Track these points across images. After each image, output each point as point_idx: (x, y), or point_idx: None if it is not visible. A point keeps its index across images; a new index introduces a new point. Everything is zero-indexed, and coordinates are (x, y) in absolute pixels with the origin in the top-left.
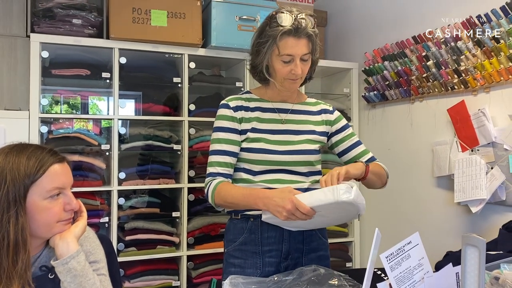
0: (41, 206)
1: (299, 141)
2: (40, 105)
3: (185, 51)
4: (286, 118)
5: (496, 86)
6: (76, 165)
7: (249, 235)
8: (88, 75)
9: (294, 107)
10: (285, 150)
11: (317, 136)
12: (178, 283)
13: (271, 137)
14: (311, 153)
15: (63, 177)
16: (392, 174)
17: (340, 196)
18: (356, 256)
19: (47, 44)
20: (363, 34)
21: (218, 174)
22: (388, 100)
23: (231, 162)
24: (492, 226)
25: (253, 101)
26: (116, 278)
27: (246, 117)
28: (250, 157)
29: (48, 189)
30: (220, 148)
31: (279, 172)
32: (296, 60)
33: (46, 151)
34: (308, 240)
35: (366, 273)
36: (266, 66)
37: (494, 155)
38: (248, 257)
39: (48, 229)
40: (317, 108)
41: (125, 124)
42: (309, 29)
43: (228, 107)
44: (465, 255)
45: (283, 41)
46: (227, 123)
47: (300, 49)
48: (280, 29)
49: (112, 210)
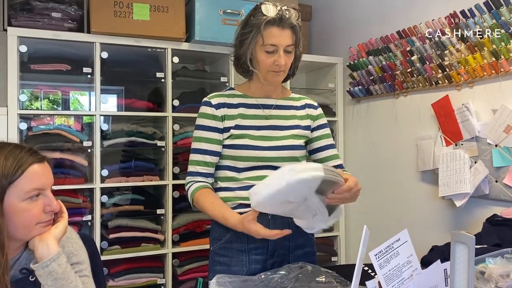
0: (19, 207)
1: (284, 137)
2: (19, 101)
3: (168, 46)
4: (270, 114)
5: (480, 81)
6: (57, 162)
7: (234, 233)
8: (69, 70)
9: (278, 102)
10: (270, 146)
11: (301, 131)
12: (164, 281)
13: (256, 133)
14: (296, 148)
15: (43, 178)
16: (377, 168)
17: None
18: (341, 251)
19: (25, 38)
20: (347, 29)
21: (197, 173)
22: (373, 95)
23: (211, 161)
24: (476, 220)
25: (237, 97)
26: (99, 279)
27: (229, 114)
28: (234, 154)
29: (27, 190)
30: (200, 147)
31: (264, 168)
32: (280, 50)
33: (25, 150)
34: (294, 237)
35: (355, 270)
36: (249, 58)
37: (478, 149)
38: (234, 255)
39: (27, 232)
40: (301, 103)
41: (107, 120)
42: (293, 20)
43: (210, 105)
44: (454, 252)
45: (267, 30)
46: (208, 121)
47: (284, 40)
48: (264, 18)
49: (95, 208)
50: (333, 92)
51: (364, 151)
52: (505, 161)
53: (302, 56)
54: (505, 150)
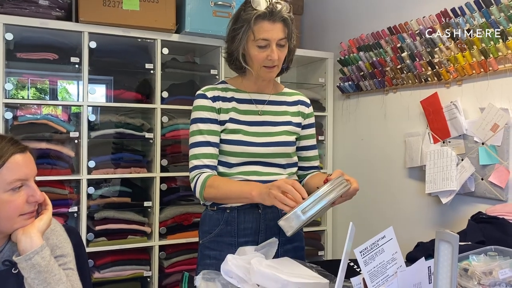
0: (1, 199)
1: (277, 133)
2: (4, 90)
3: (158, 36)
4: (263, 109)
5: (468, 79)
6: (43, 153)
7: (225, 227)
8: (56, 59)
9: (271, 97)
10: (263, 142)
11: (293, 127)
12: (150, 273)
13: (249, 129)
14: (288, 144)
15: (25, 168)
16: (365, 164)
17: None
18: (328, 245)
19: (12, 25)
20: (339, 24)
21: (204, 166)
22: (363, 91)
23: (216, 153)
24: (461, 217)
25: (230, 91)
26: (84, 271)
27: (224, 107)
28: (227, 149)
29: (9, 181)
30: (204, 139)
31: (256, 164)
32: (272, 45)
33: (6, 140)
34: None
35: (341, 266)
36: (242, 53)
37: (465, 147)
38: (224, 248)
39: (10, 224)
40: (293, 99)
41: (95, 110)
42: (284, 13)
43: (205, 97)
44: (438, 251)
45: (258, 25)
46: (206, 113)
47: (276, 33)
48: (254, 12)
49: (81, 200)
50: (323, 87)
51: (353, 147)
52: (491, 159)
53: (295, 49)
54: (491, 149)
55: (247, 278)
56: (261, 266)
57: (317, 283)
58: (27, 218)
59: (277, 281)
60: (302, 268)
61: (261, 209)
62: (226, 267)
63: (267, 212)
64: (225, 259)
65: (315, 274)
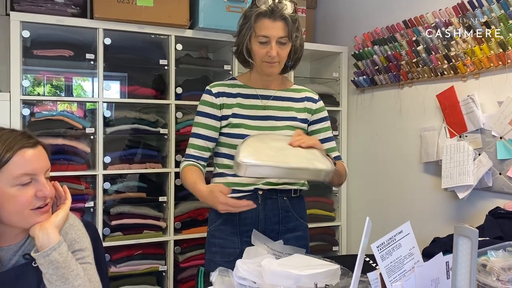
0: (8, 194)
1: (280, 127)
2: (22, 87)
3: (172, 32)
4: (268, 104)
5: (486, 72)
6: (60, 148)
7: (227, 216)
8: (72, 56)
9: (277, 93)
10: None
11: (298, 123)
12: (165, 268)
13: (252, 123)
14: None
15: (34, 163)
16: (380, 159)
17: None
18: (342, 240)
19: (28, 23)
20: (353, 17)
21: (191, 156)
22: (377, 85)
23: (207, 146)
24: (478, 212)
25: (237, 87)
26: (101, 265)
27: (227, 103)
28: (230, 142)
29: (16, 176)
30: (197, 131)
31: None
32: (272, 42)
33: (17, 134)
34: (284, 221)
35: (357, 261)
36: (246, 48)
37: (482, 141)
38: (227, 236)
39: (21, 218)
40: (301, 95)
41: (110, 107)
42: (285, 12)
43: (210, 93)
44: (457, 246)
45: (259, 22)
46: (207, 108)
47: (276, 31)
48: (256, 10)
49: (97, 195)
50: (337, 81)
51: (368, 142)
52: (509, 154)
53: (303, 49)
54: (509, 143)
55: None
56: (272, 266)
57: (329, 271)
58: (40, 214)
59: (290, 277)
60: (313, 260)
61: (260, 200)
62: (238, 273)
63: (267, 203)
64: (235, 266)
65: (325, 262)
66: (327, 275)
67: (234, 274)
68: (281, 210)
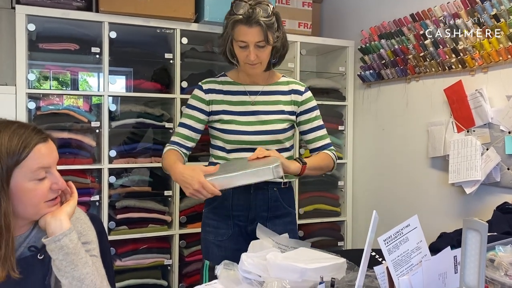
0: (26, 187)
1: (268, 121)
2: (27, 80)
3: (177, 26)
4: (256, 100)
5: (495, 66)
6: (65, 142)
7: (222, 201)
8: (77, 49)
9: (265, 88)
10: (255, 130)
11: (286, 116)
12: (170, 262)
13: (242, 119)
14: (280, 132)
15: (48, 157)
16: (386, 154)
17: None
18: (348, 236)
19: (34, 16)
20: (359, 11)
21: (174, 142)
22: (384, 80)
23: (191, 136)
24: (486, 207)
25: (227, 84)
26: (106, 258)
27: (217, 99)
28: (223, 137)
29: (34, 170)
30: (183, 121)
31: (249, 150)
32: (250, 46)
33: (30, 129)
34: (273, 209)
35: (363, 255)
36: (229, 49)
37: (490, 136)
38: (221, 218)
39: (35, 210)
40: (288, 88)
41: (116, 101)
42: (261, 18)
43: (201, 89)
44: (465, 240)
45: (236, 28)
46: (195, 102)
47: (252, 37)
48: (233, 17)
49: (102, 189)
50: (343, 76)
51: (374, 137)
52: None
53: (286, 46)
54: None
55: (265, 274)
56: (277, 259)
57: (335, 264)
58: (52, 205)
59: (295, 271)
60: (318, 253)
61: (252, 190)
62: (243, 267)
63: (258, 193)
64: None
65: (331, 256)
66: (333, 268)
67: (239, 267)
68: (270, 199)
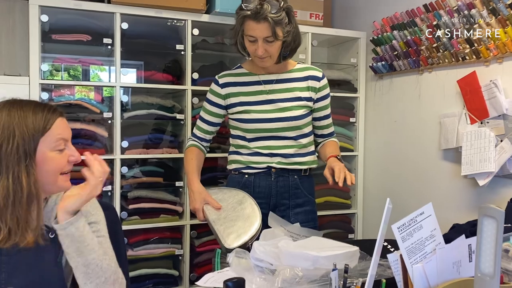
0: (48, 156)
1: (285, 108)
2: (41, 71)
3: (189, 17)
4: (271, 89)
5: (510, 56)
6: (78, 133)
7: (243, 189)
8: (89, 40)
9: (280, 76)
10: (272, 117)
11: (304, 102)
12: (182, 252)
13: (259, 108)
14: (298, 118)
15: (67, 129)
16: (398, 146)
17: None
18: (358, 228)
19: (47, 7)
20: (371, 2)
21: (195, 136)
22: (396, 71)
23: (209, 130)
24: (499, 199)
25: (242, 76)
26: (120, 247)
27: (234, 91)
28: (243, 127)
29: (56, 140)
30: (202, 116)
31: (269, 139)
32: (258, 41)
33: (48, 106)
34: (293, 197)
35: (377, 243)
36: (240, 42)
37: (505, 127)
38: None
39: (53, 180)
40: (304, 74)
41: (127, 92)
42: (269, 14)
43: (217, 83)
44: (481, 227)
45: (246, 23)
46: (212, 96)
47: (261, 32)
48: (242, 12)
49: (115, 179)
50: (355, 67)
51: (386, 129)
52: None
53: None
54: None
55: (277, 262)
56: (290, 247)
57: (347, 252)
58: (67, 179)
59: (308, 258)
60: (330, 242)
61: (273, 177)
62: (254, 255)
63: (279, 180)
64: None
65: (343, 244)
66: (346, 257)
67: (251, 255)
68: (291, 187)
